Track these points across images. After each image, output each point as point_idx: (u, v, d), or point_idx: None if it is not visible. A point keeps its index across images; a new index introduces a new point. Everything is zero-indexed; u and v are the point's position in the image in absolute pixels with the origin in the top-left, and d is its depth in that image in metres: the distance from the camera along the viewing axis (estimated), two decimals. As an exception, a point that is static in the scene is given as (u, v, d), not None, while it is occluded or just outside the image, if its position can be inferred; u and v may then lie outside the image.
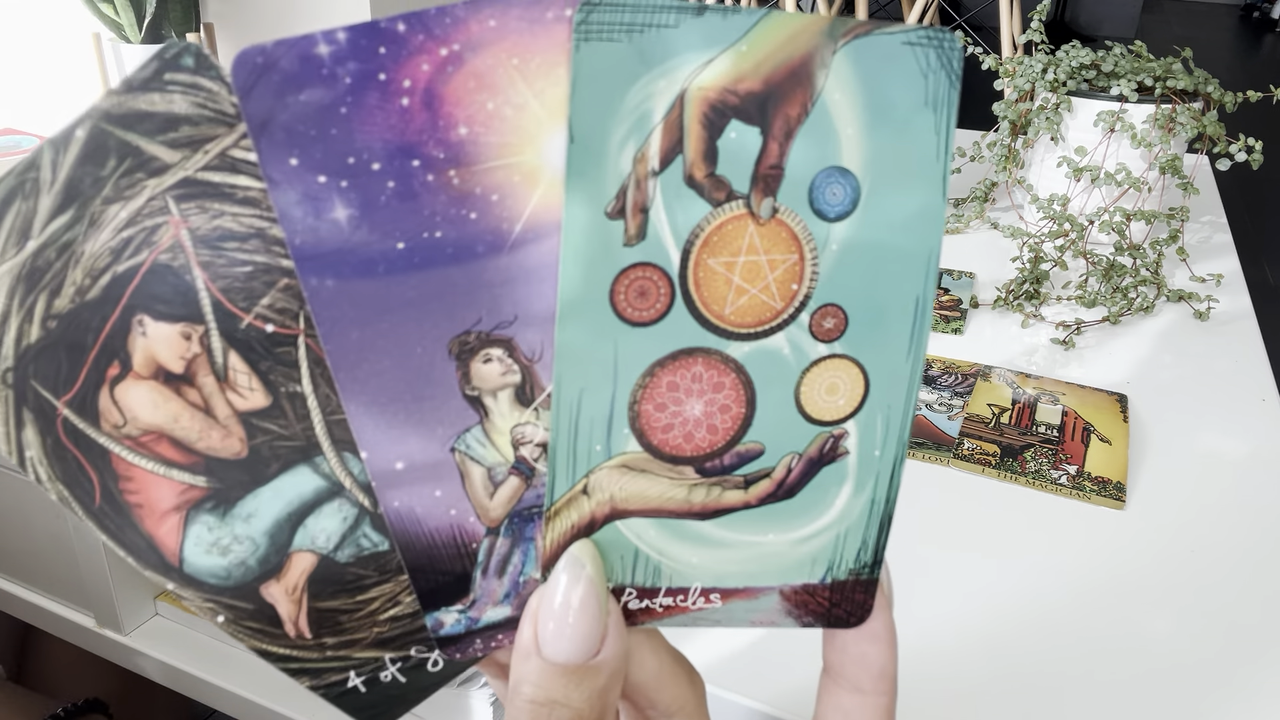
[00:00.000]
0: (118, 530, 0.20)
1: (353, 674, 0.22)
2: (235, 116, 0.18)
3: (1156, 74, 0.81)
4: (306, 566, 0.21)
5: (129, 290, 0.19)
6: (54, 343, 0.19)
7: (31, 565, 0.58)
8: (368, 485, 0.21)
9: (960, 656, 0.39)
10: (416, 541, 0.21)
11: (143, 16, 1.53)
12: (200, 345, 0.19)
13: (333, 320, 0.19)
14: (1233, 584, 0.44)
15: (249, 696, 0.52)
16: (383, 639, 0.22)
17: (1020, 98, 0.88)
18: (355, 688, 0.22)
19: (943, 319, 0.70)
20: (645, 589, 0.22)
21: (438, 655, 0.22)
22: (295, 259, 0.19)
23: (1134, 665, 0.39)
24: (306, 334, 0.20)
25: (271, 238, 0.19)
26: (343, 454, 0.21)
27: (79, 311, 0.19)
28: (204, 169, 0.19)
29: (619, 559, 0.22)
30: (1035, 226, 0.88)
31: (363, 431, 0.20)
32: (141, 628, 0.56)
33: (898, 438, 0.22)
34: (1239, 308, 0.74)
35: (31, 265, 0.19)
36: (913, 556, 0.45)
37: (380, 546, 0.21)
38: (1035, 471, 0.51)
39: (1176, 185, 0.80)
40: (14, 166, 0.18)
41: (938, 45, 0.19)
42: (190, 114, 0.18)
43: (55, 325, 0.19)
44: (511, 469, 0.21)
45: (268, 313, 0.19)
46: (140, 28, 1.54)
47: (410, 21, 0.18)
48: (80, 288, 0.19)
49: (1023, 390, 0.60)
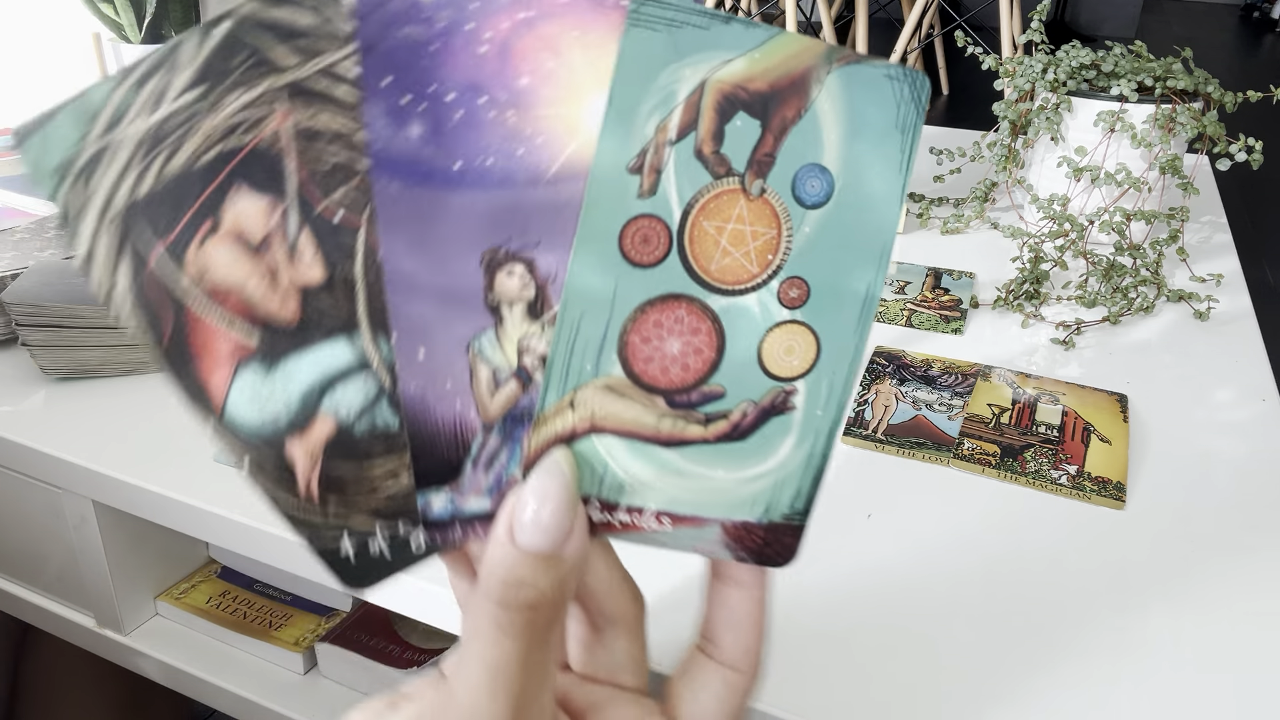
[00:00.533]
0: (177, 371, 0.23)
1: (345, 540, 0.25)
2: (347, 37, 0.22)
3: (1156, 74, 0.81)
4: (327, 432, 0.24)
5: (233, 163, 0.23)
6: (163, 196, 0.23)
7: (31, 565, 0.58)
8: (391, 365, 0.24)
9: (960, 656, 0.39)
10: (424, 425, 0.24)
11: (143, 16, 1.53)
12: (280, 220, 0.23)
13: (391, 217, 0.23)
14: (1233, 584, 0.44)
15: (249, 696, 0.52)
16: (378, 510, 0.25)
17: (1020, 98, 0.88)
18: (346, 556, 0.25)
19: (943, 319, 0.70)
20: (608, 503, 0.25)
21: (422, 536, 0.25)
22: (372, 161, 0.23)
23: (1134, 665, 0.39)
24: (367, 227, 0.23)
25: (355, 142, 0.23)
26: (376, 335, 0.24)
27: (188, 174, 0.23)
28: (312, 75, 0.22)
29: (590, 471, 0.25)
30: (1035, 226, 0.88)
31: (397, 317, 0.24)
32: (141, 628, 0.56)
33: (839, 402, 0.25)
34: (1239, 308, 0.74)
35: (158, 129, 0.22)
36: (913, 556, 0.45)
37: (391, 426, 0.24)
38: (1035, 471, 0.51)
39: (1176, 185, 0.80)
40: (163, 46, 0.22)
41: (911, 82, 0.24)
42: (311, 28, 0.22)
43: (167, 182, 0.23)
44: (513, 374, 0.24)
45: (339, 204, 0.23)
46: (140, 28, 1.54)
47: None
48: (194, 154, 0.22)
49: (1023, 390, 0.60)
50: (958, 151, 0.95)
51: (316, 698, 0.52)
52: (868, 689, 0.37)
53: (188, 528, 0.48)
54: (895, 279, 0.78)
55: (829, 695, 0.37)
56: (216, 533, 0.47)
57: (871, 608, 0.41)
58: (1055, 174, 0.86)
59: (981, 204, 0.91)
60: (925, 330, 0.69)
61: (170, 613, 0.56)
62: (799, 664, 0.38)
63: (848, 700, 0.37)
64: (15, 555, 0.58)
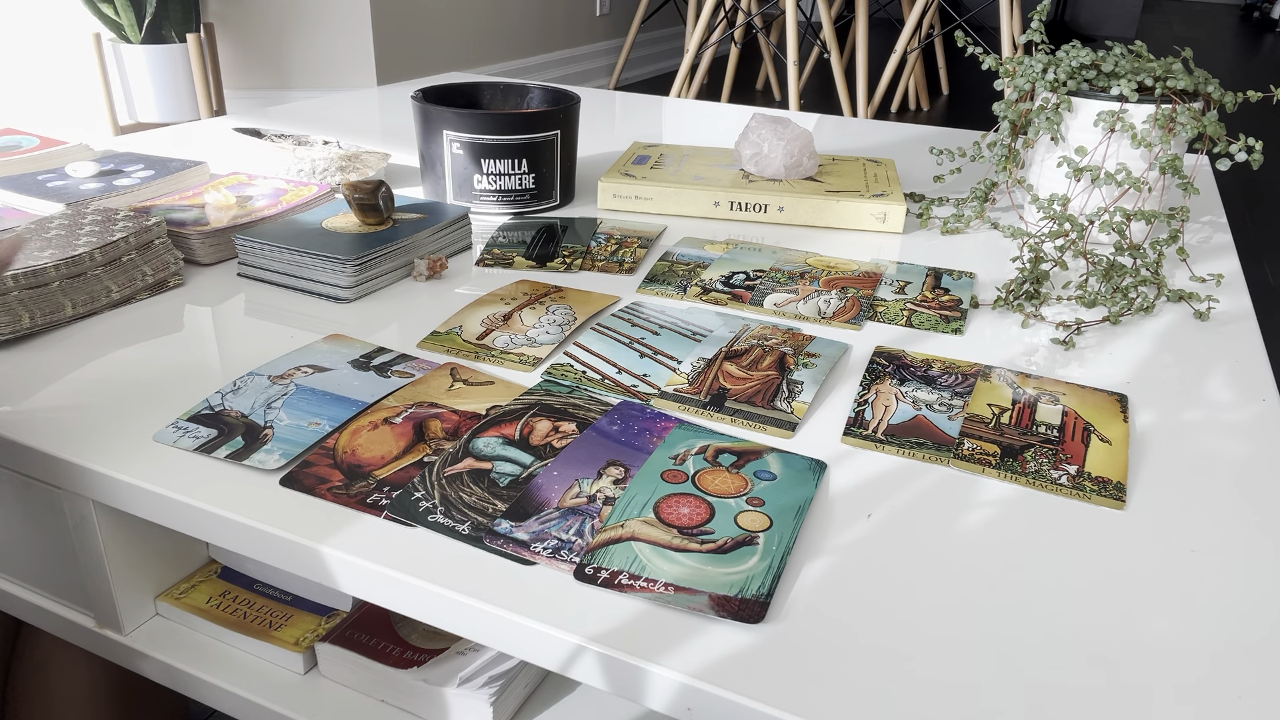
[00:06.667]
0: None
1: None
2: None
3: (1156, 74, 0.81)
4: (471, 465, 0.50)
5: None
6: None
7: (31, 565, 0.58)
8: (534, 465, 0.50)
9: (960, 656, 0.39)
10: (530, 491, 0.48)
11: (143, 16, 1.53)
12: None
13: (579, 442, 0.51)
14: (1233, 584, 0.44)
15: (249, 696, 0.52)
16: (470, 506, 0.48)
17: (1020, 98, 0.88)
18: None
19: (943, 319, 0.70)
20: (635, 575, 0.43)
21: (507, 523, 0.46)
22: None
23: (1134, 665, 0.39)
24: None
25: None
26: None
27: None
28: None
29: (627, 559, 0.44)
30: (1035, 226, 0.88)
31: (560, 465, 0.50)
32: (141, 628, 0.56)
33: (787, 544, 0.45)
34: (1239, 308, 0.74)
35: None
36: (913, 556, 0.45)
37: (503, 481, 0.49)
38: (1035, 471, 0.51)
39: (1176, 185, 0.80)
40: None
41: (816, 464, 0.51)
42: None
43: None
44: (588, 498, 0.48)
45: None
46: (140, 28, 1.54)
47: None
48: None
49: (1023, 390, 0.60)
50: (958, 151, 0.95)
51: (316, 698, 0.52)
52: (867, 688, 0.37)
53: (188, 528, 0.48)
54: (895, 279, 0.78)
55: (828, 695, 0.37)
56: (216, 533, 0.47)
57: (871, 607, 0.41)
58: (1055, 174, 0.86)
59: (981, 204, 0.91)
60: (925, 330, 0.69)
61: (170, 613, 0.56)
62: (799, 663, 0.38)
63: (847, 699, 0.37)
64: (15, 555, 0.58)
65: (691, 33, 3.03)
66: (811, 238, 0.88)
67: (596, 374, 0.60)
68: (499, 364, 0.61)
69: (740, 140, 0.98)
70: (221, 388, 0.57)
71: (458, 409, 0.55)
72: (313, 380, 0.58)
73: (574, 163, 0.96)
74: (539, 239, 0.84)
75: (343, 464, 0.50)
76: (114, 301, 0.68)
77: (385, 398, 0.56)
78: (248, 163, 0.95)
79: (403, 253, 0.75)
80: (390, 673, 0.50)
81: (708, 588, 0.42)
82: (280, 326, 0.66)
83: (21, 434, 0.52)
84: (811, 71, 3.99)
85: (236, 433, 0.52)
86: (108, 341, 0.63)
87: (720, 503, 0.48)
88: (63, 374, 0.58)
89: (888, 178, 0.97)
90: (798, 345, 0.65)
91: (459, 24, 2.89)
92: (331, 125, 1.24)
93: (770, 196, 0.91)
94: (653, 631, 0.40)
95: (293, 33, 2.51)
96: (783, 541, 0.45)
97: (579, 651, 0.39)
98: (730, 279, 0.76)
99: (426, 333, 0.66)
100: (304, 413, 0.54)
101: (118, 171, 0.87)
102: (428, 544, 0.44)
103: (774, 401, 0.57)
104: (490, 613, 0.41)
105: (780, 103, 3.62)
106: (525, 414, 0.55)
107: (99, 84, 2.22)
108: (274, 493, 0.48)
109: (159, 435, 0.52)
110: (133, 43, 2.30)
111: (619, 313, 0.69)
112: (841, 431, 0.55)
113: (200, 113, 2.28)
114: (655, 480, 0.49)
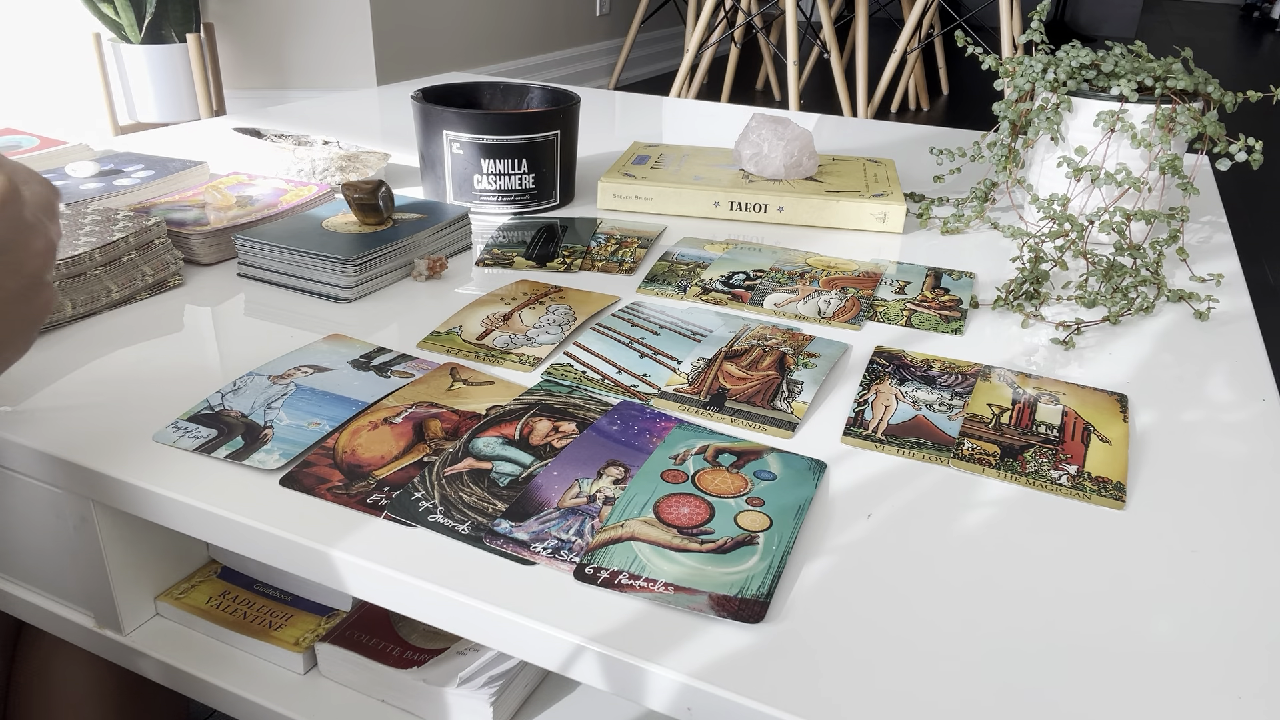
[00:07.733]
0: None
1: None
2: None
3: (1156, 74, 0.81)
4: (471, 465, 0.51)
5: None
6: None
7: (31, 565, 0.58)
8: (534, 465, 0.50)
9: (960, 655, 0.39)
10: (530, 490, 0.48)
11: (143, 16, 1.53)
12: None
13: (580, 441, 0.52)
14: (1233, 584, 0.44)
15: (249, 696, 0.52)
16: (471, 506, 0.47)
17: (1020, 98, 0.88)
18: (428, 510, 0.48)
19: (943, 319, 0.70)
20: (635, 575, 0.43)
21: (507, 523, 0.46)
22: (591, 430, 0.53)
23: (1134, 665, 0.39)
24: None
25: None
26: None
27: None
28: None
29: (627, 558, 0.44)
30: (1035, 226, 0.88)
31: (560, 465, 0.50)
32: (141, 628, 0.56)
33: (787, 544, 0.45)
34: (1239, 308, 0.74)
35: None
36: (914, 556, 0.45)
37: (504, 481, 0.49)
38: (1035, 471, 0.51)
39: (1176, 185, 0.80)
40: None
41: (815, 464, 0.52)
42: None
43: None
44: (588, 498, 0.48)
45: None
46: (140, 28, 1.54)
47: None
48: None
49: (1023, 390, 0.60)
50: (958, 151, 0.95)
51: (316, 698, 0.52)
52: (867, 688, 0.37)
53: (188, 528, 0.48)
54: (895, 279, 0.78)
55: (829, 694, 0.37)
56: (216, 533, 0.47)
57: (871, 607, 0.41)
58: (1055, 174, 0.86)
59: (981, 204, 0.91)
60: (925, 330, 0.69)
61: (170, 613, 0.56)
62: (799, 663, 0.38)
63: (848, 699, 0.37)
64: (15, 555, 0.58)
65: (691, 33, 3.03)
66: (811, 238, 0.88)
67: (596, 374, 0.60)
68: (499, 364, 0.61)
69: (740, 140, 0.98)
70: (221, 388, 0.57)
71: (458, 409, 0.55)
72: (313, 380, 0.58)
73: (574, 163, 0.96)
74: (539, 239, 0.84)
75: (343, 464, 0.50)
76: (114, 301, 0.68)
77: (385, 398, 0.56)
78: (248, 163, 0.96)
79: (403, 253, 0.75)
80: (390, 673, 0.50)
81: (708, 588, 0.42)
82: (280, 326, 0.66)
83: (21, 434, 0.52)
84: (811, 71, 3.99)
85: (236, 433, 0.52)
86: (108, 341, 0.63)
87: (720, 503, 0.48)
88: (63, 374, 0.58)
89: (888, 178, 0.97)
90: (798, 345, 0.65)
91: (459, 24, 2.89)
92: (331, 125, 1.24)
93: (770, 196, 0.91)
94: (653, 631, 0.40)
95: (292, 33, 2.51)
96: (783, 541, 0.45)
97: (579, 651, 0.39)
98: (730, 279, 0.76)
99: (426, 333, 0.66)
100: (304, 413, 0.54)
101: (118, 171, 0.87)
102: (428, 544, 0.44)
103: (774, 401, 0.57)
104: (490, 613, 0.41)
105: (780, 103, 3.62)
106: (525, 414, 0.55)
107: (99, 84, 2.22)
108: (274, 493, 0.48)
109: (159, 435, 0.52)
110: (133, 43, 2.30)
111: (619, 313, 0.69)
112: (841, 431, 0.55)
113: (200, 113, 2.28)
114: (655, 480, 0.49)
